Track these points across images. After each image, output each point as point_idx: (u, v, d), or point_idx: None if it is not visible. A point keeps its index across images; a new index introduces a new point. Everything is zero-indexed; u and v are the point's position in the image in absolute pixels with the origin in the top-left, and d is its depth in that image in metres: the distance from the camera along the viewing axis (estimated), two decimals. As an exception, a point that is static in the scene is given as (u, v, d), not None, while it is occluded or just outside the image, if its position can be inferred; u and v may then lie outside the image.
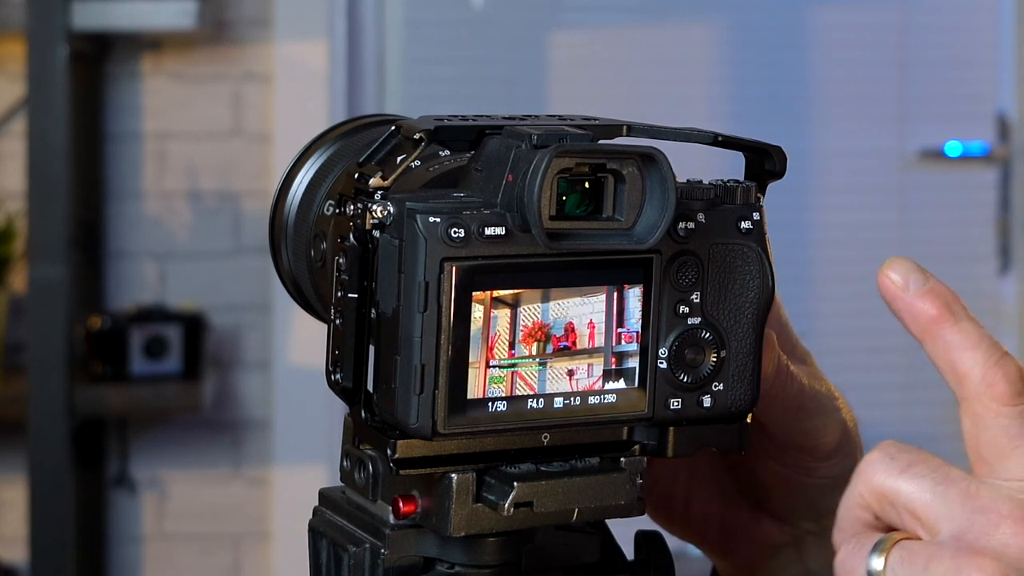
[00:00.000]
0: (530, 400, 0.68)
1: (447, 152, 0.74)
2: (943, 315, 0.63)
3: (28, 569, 2.61)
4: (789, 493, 0.84)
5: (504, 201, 0.67)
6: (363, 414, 0.69)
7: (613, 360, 0.69)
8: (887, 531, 0.61)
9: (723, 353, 0.72)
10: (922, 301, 0.63)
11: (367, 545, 0.72)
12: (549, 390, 0.68)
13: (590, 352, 0.69)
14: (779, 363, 0.77)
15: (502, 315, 0.67)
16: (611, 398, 0.70)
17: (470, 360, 0.67)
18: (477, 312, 0.66)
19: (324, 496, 0.75)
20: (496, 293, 0.67)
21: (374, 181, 0.69)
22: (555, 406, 0.69)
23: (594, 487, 0.70)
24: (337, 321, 0.70)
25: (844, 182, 3.25)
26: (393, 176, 0.69)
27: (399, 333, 0.66)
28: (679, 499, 0.86)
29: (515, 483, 0.69)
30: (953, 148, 3.26)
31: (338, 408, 2.87)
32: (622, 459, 0.72)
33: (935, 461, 0.61)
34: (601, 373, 0.69)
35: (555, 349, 0.68)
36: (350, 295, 0.69)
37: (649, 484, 0.84)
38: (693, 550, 0.89)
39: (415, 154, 0.70)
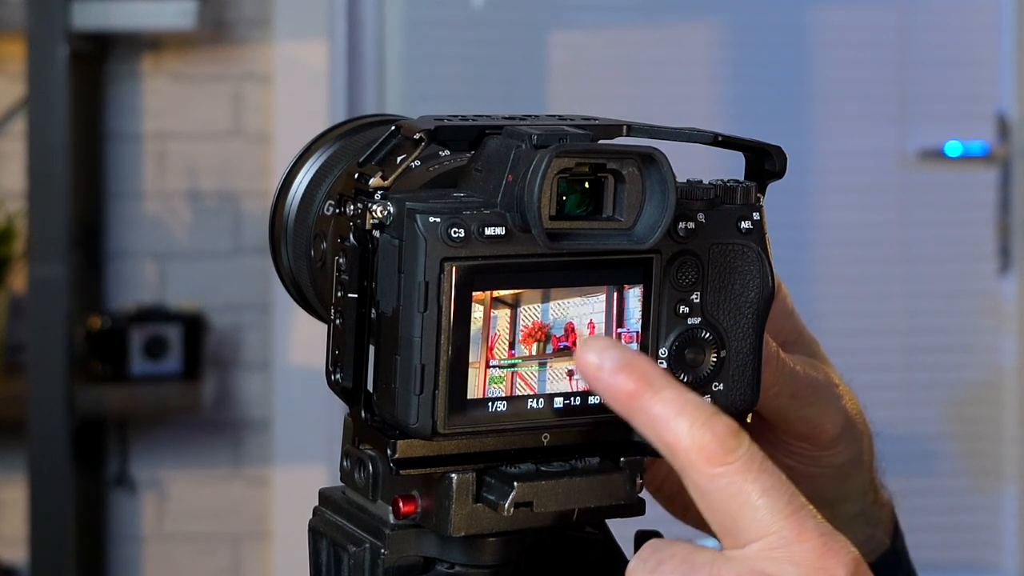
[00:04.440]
0: (530, 400, 0.68)
1: (447, 152, 0.74)
2: (641, 388, 0.59)
3: (28, 569, 2.61)
4: (797, 484, 0.84)
5: (504, 201, 0.67)
6: (363, 414, 0.69)
7: (613, 360, 0.69)
8: None
9: (723, 353, 0.72)
10: (618, 377, 0.59)
11: (367, 545, 0.72)
12: (549, 390, 0.68)
13: (590, 352, 0.69)
14: (768, 350, 0.76)
15: (502, 315, 0.67)
16: (611, 398, 0.69)
17: (470, 360, 0.66)
18: (477, 312, 0.66)
19: (324, 496, 0.75)
20: (496, 293, 0.67)
21: (374, 181, 0.69)
22: (555, 406, 0.69)
23: (594, 487, 0.70)
24: (337, 321, 0.70)
25: (844, 182, 3.25)
26: (393, 176, 0.69)
27: (399, 333, 0.66)
28: None
29: (515, 483, 0.68)
30: (953, 148, 3.25)
31: (338, 408, 2.87)
32: (622, 459, 0.72)
33: (683, 552, 0.59)
34: (601, 373, 0.69)
35: (555, 349, 0.68)
36: (350, 295, 0.69)
37: (664, 475, 0.84)
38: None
39: (415, 154, 0.70)
